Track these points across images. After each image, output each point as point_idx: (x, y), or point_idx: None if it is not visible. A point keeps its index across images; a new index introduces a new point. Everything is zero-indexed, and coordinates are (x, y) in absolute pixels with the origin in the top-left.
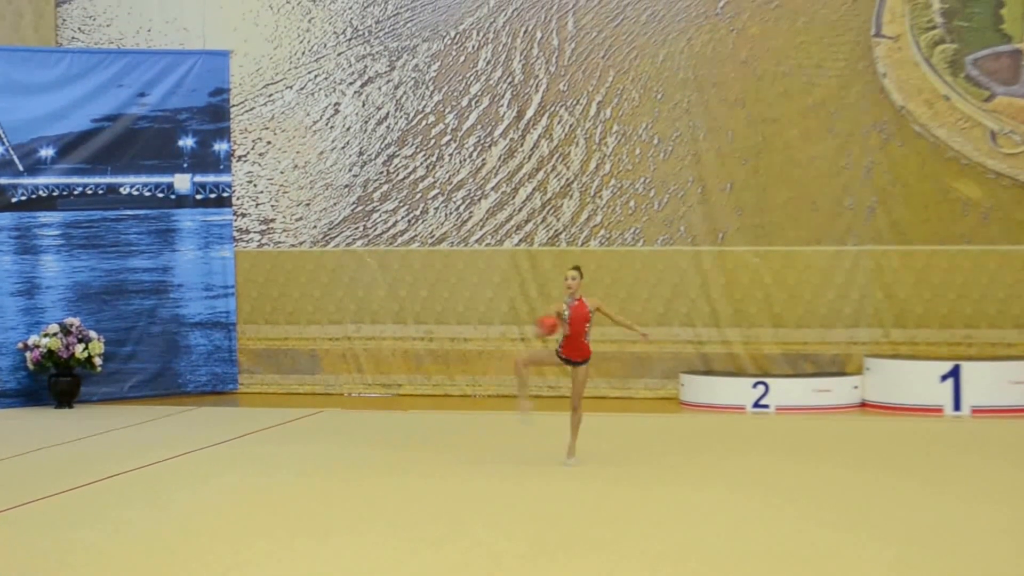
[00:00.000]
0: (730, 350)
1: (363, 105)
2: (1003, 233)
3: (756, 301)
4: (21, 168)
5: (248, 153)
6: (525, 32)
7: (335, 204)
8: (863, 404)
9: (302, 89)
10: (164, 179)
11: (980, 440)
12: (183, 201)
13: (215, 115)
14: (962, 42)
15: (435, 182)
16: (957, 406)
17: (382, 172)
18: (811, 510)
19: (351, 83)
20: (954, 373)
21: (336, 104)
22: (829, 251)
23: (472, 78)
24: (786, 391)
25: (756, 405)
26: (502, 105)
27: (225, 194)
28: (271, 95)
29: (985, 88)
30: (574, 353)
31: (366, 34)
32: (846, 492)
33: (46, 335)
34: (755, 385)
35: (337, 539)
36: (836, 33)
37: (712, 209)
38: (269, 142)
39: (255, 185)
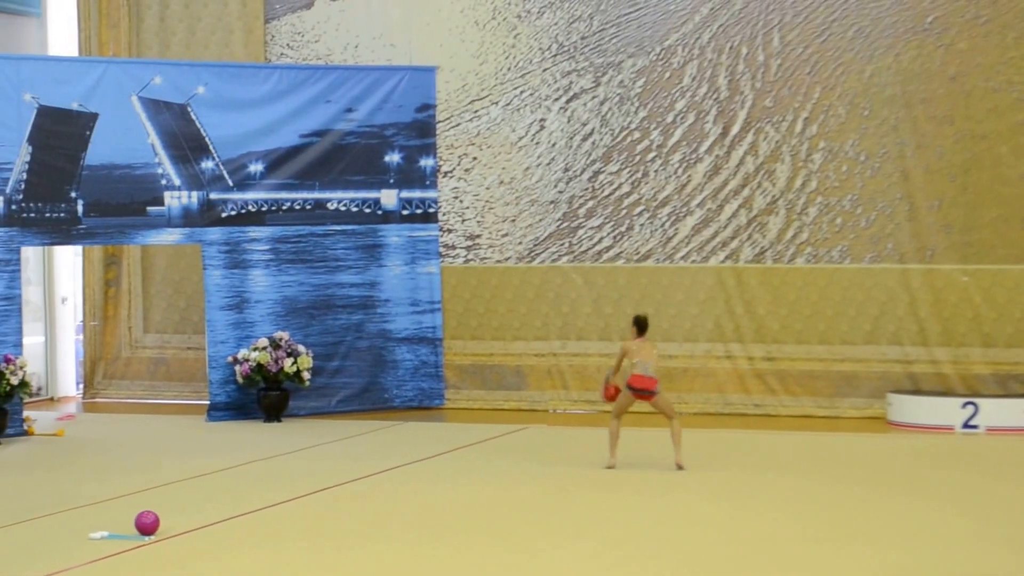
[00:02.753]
0: (939, 369)
1: (568, 121)
2: None
3: (965, 320)
4: (231, 183)
5: (454, 169)
6: (731, 48)
7: (540, 220)
8: None
9: (508, 105)
10: (371, 195)
11: None
12: (389, 217)
13: (421, 131)
14: None
15: (640, 198)
16: None
17: (587, 188)
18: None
19: (556, 99)
20: None
21: (541, 120)
22: None
23: (677, 94)
24: (997, 411)
25: (966, 425)
26: (707, 121)
27: (431, 210)
28: (477, 111)
29: None
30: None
31: (571, 50)
32: None
33: (255, 349)
34: (964, 405)
35: (547, 553)
36: None
37: (920, 227)
38: (475, 158)
39: (461, 201)
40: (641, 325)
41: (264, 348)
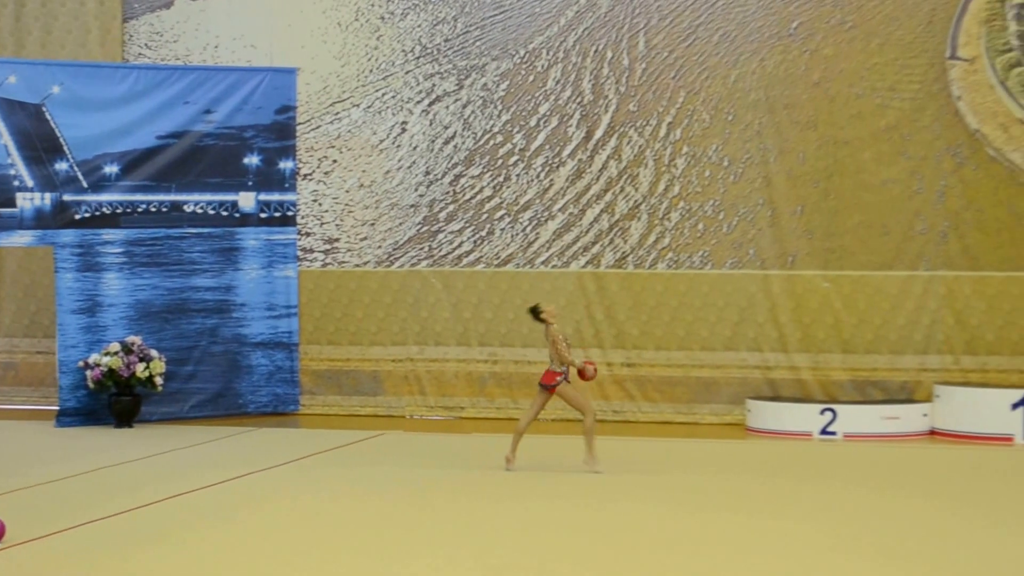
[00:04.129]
0: (798, 376)
1: (430, 124)
2: None
3: (825, 326)
4: (85, 185)
5: (314, 172)
6: (595, 52)
7: (400, 224)
8: (932, 432)
9: (369, 107)
10: (229, 197)
11: None
12: (247, 219)
13: (281, 133)
14: None
15: (502, 203)
16: None
17: (448, 192)
18: (872, 541)
19: (419, 102)
20: None
21: (403, 123)
22: (900, 276)
23: (541, 98)
24: (854, 418)
25: (823, 432)
26: (571, 125)
27: (290, 213)
28: (338, 113)
29: None
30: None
31: (435, 52)
32: (908, 524)
33: (107, 353)
34: (823, 412)
35: (399, 562)
36: (910, 55)
37: (782, 232)
38: (335, 161)
39: (320, 204)
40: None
41: (116, 353)
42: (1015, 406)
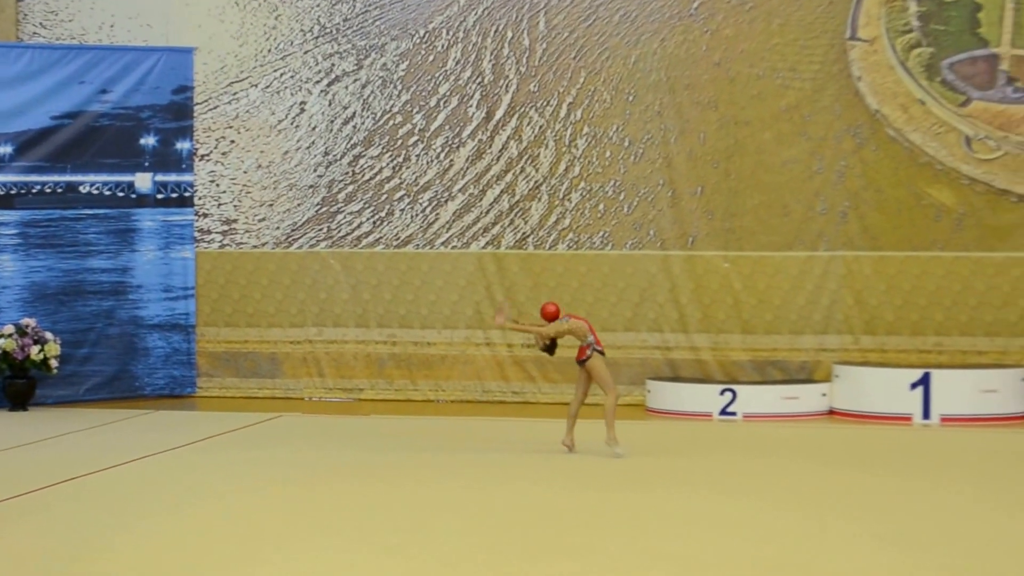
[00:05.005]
0: (698, 356)
1: (329, 104)
2: (976, 240)
3: (725, 307)
4: None
5: (211, 152)
6: (496, 31)
7: (299, 205)
8: (831, 412)
9: (267, 87)
10: (125, 178)
11: (946, 449)
12: (144, 200)
13: (178, 113)
14: (938, 46)
15: (401, 183)
16: (926, 414)
17: (347, 173)
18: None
19: (317, 82)
20: (924, 381)
21: (302, 103)
22: (800, 256)
23: (441, 78)
24: (754, 398)
25: (723, 412)
26: (471, 106)
27: (187, 194)
28: (235, 93)
29: (961, 92)
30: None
31: (334, 32)
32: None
33: (1, 336)
34: (722, 392)
35: (295, 546)
36: (811, 35)
37: (682, 213)
38: (233, 141)
39: (218, 185)
40: None
41: (9, 335)
42: (914, 386)
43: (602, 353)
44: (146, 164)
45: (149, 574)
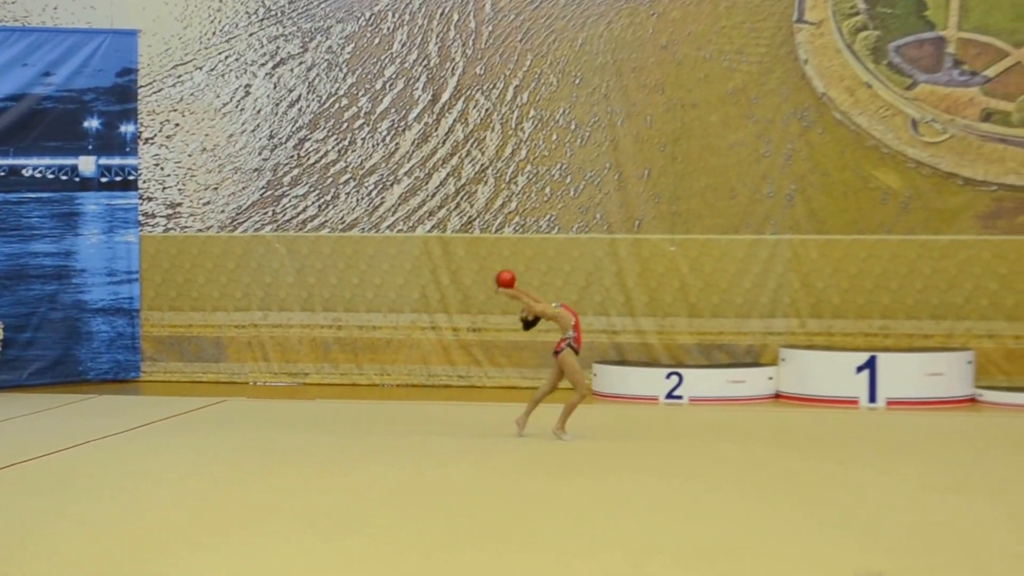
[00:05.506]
0: (644, 340)
1: (274, 87)
2: (922, 223)
3: (672, 290)
4: None
5: (155, 135)
6: (442, 14)
7: (244, 188)
8: (778, 395)
9: (212, 70)
10: (68, 161)
11: (892, 432)
12: (87, 184)
13: (122, 96)
14: (885, 29)
15: (347, 167)
16: (872, 398)
17: (293, 156)
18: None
19: (263, 64)
20: (870, 364)
21: (247, 86)
22: (746, 240)
23: (387, 60)
24: (700, 382)
25: (669, 396)
26: (417, 88)
27: (131, 177)
28: (180, 76)
29: (907, 76)
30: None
31: (279, 14)
32: (761, 476)
33: None
34: (669, 376)
35: (239, 531)
36: (758, 18)
37: (629, 196)
38: (177, 124)
39: (162, 168)
40: None
41: None
42: (860, 369)
43: (575, 351)
44: (90, 147)
45: (86, 560)
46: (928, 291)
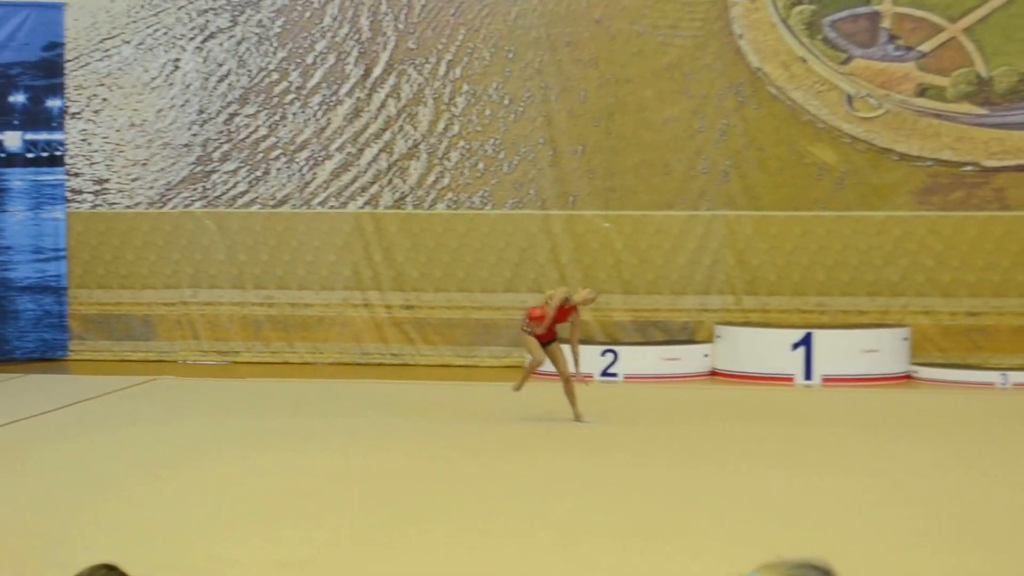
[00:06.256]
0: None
1: (204, 61)
2: (858, 199)
3: (606, 267)
4: None
5: (83, 110)
6: None
7: (173, 164)
8: (713, 373)
9: (140, 44)
10: None
11: (827, 409)
12: (13, 160)
13: (48, 70)
14: (820, 3)
15: (278, 142)
16: (808, 375)
17: (223, 131)
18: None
19: (192, 38)
20: (806, 341)
21: (176, 60)
22: (681, 216)
23: (318, 34)
24: (635, 359)
25: (604, 374)
26: (348, 63)
27: (58, 153)
28: (107, 50)
29: (842, 50)
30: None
31: None
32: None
33: None
34: (604, 353)
35: (162, 513)
36: None
37: (563, 172)
38: (105, 99)
39: (89, 144)
40: None
41: None
42: (795, 346)
43: (530, 334)
44: (15, 122)
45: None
46: (864, 268)
